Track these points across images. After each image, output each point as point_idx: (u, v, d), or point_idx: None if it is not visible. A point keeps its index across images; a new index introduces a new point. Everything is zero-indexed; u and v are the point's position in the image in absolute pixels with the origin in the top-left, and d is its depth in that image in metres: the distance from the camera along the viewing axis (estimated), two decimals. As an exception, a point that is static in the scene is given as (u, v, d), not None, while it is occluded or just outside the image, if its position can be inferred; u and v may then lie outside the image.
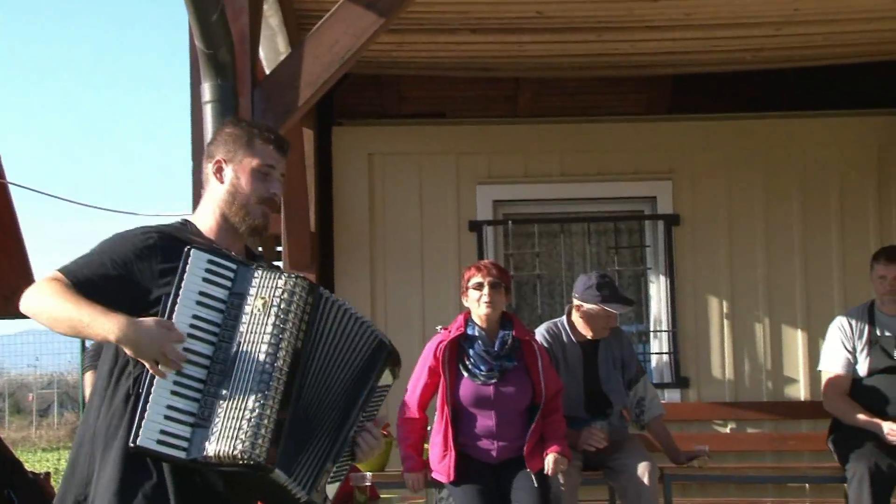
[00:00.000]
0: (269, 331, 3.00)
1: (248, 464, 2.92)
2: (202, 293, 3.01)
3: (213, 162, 3.25)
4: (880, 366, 5.94)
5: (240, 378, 2.97)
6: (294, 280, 3.06)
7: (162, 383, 2.92)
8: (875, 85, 7.55)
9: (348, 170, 7.52)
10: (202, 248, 3.06)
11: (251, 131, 3.27)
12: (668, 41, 6.87)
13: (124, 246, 3.08)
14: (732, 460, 7.18)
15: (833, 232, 7.45)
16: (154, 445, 2.90)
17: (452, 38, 6.73)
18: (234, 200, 3.22)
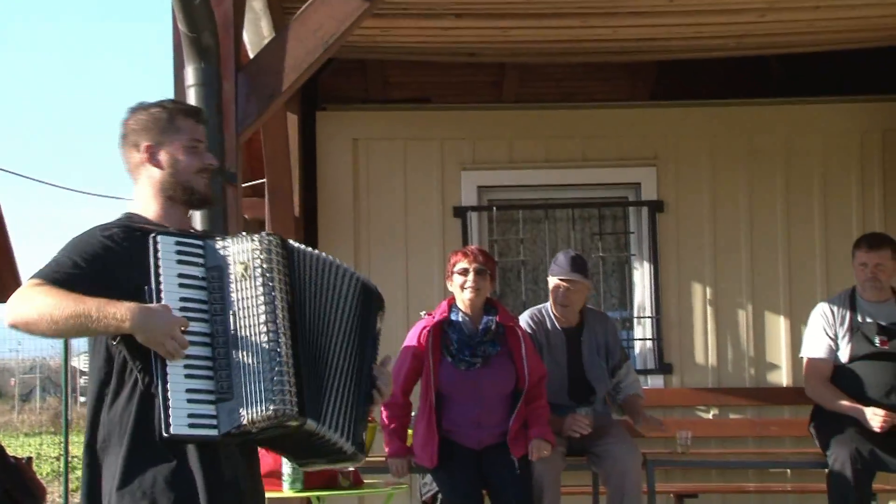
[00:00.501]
0: (260, 292, 3.03)
1: (283, 420, 2.98)
2: (181, 275, 3.04)
3: (141, 149, 3.23)
4: (861, 352, 5.96)
5: (247, 344, 3.01)
6: (267, 238, 3.10)
7: (174, 370, 2.95)
8: (858, 72, 7.57)
9: (332, 155, 7.50)
10: (165, 232, 3.09)
11: (170, 111, 3.27)
12: (653, 27, 6.86)
13: (89, 244, 3.08)
14: (715, 446, 7.20)
15: (816, 218, 7.46)
16: (187, 430, 2.95)
17: (437, 23, 6.71)
18: (176, 180, 3.22)
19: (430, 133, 7.56)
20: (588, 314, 6.08)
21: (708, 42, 7.15)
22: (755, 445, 7.28)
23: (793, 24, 6.85)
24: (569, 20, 6.69)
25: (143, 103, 3.32)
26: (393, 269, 7.31)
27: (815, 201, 7.47)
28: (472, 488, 5.42)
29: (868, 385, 5.94)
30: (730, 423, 7.34)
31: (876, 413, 5.76)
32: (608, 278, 7.66)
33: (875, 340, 5.96)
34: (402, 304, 7.22)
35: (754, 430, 7.30)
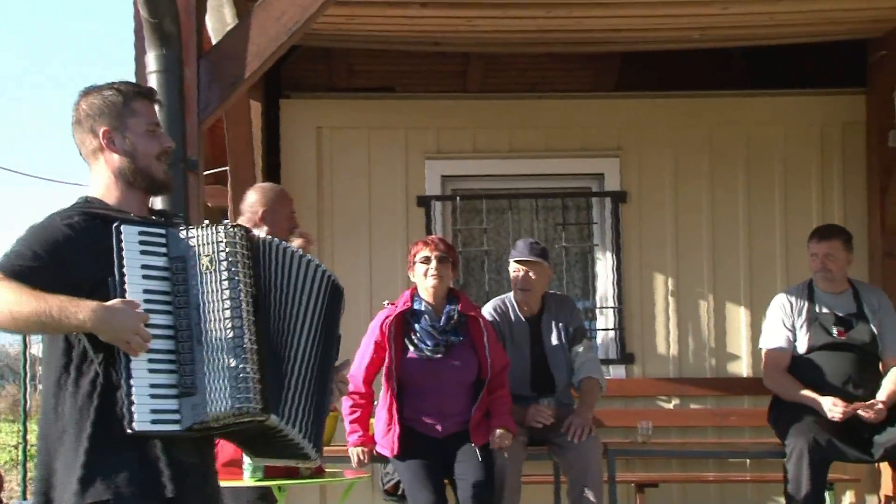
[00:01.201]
0: (224, 286, 2.99)
1: (246, 416, 2.95)
2: (144, 266, 2.98)
3: (99, 135, 3.16)
4: (819, 342, 6.00)
5: (211, 339, 2.97)
6: (232, 230, 3.05)
7: (138, 365, 2.90)
8: (819, 65, 7.60)
9: (296, 143, 7.46)
10: (129, 221, 3.03)
11: (125, 94, 3.19)
12: (617, 18, 6.87)
13: (50, 233, 3.01)
14: (675, 436, 7.23)
15: (777, 210, 7.49)
16: (150, 426, 2.91)
17: (402, 11, 6.69)
18: (136, 166, 3.16)
19: (394, 122, 7.53)
20: (548, 299, 6.10)
21: (671, 34, 7.17)
22: (715, 435, 7.31)
23: (755, 16, 6.88)
24: (533, 10, 6.69)
25: (96, 86, 3.22)
26: (356, 259, 7.28)
27: (776, 193, 7.51)
28: (433, 477, 5.41)
29: (826, 375, 5.98)
30: (690, 413, 7.37)
31: (835, 403, 5.80)
32: (571, 268, 7.66)
33: (832, 331, 6.00)
34: (366, 293, 7.20)
35: (714, 419, 7.33)
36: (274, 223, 4.85)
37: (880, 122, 7.27)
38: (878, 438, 5.81)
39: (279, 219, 4.90)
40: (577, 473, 5.78)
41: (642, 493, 6.85)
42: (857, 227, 7.36)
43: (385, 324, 5.49)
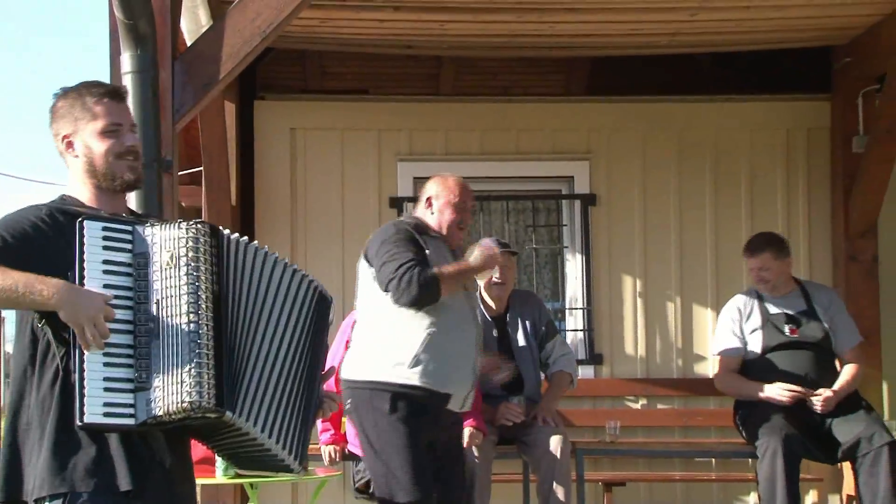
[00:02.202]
0: (184, 282, 2.98)
1: (200, 411, 2.93)
2: (106, 261, 2.98)
3: (60, 140, 3.17)
4: (774, 342, 6.03)
5: (168, 334, 2.95)
6: (195, 227, 3.04)
7: (93, 357, 2.89)
8: (784, 71, 7.63)
9: (270, 144, 7.44)
10: (93, 217, 3.03)
11: (81, 95, 3.18)
12: (587, 24, 6.88)
13: (19, 223, 3.02)
14: (642, 435, 7.25)
15: (743, 213, 7.52)
16: (101, 419, 2.90)
17: (376, 15, 6.69)
18: (94, 168, 3.15)
19: (367, 124, 7.52)
20: (513, 297, 6.13)
21: (641, 39, 7.19)
22: (681, 435, 7.33)
23: (723, 23, 6.91)
24: (505, 15, 6.69)
25: (65, 88, 3.23)
26: (329, 259, 7.26)
27: (743, 196, 7.54)
28: (404, 475, 5.40)
29: (783, 374, 6.00)
30: (657, 413, 7.39)
31: (783, 388, 5.84)
32: (541, 270, 7.67)
33: (785, 330, 6.04)
34: (339, 293, 7.07)
35: (681, 419, 7.35)
36: (441, 211, 5.02)
37: (844, 128, 7.31)
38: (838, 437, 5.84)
39: (443, 207, 5.03)
40: (545, 472, 5.78)
41: (610, 491, 6.85)
42: (821, 230, 7.44)
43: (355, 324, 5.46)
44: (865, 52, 7.13)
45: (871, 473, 5.70)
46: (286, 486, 6.89)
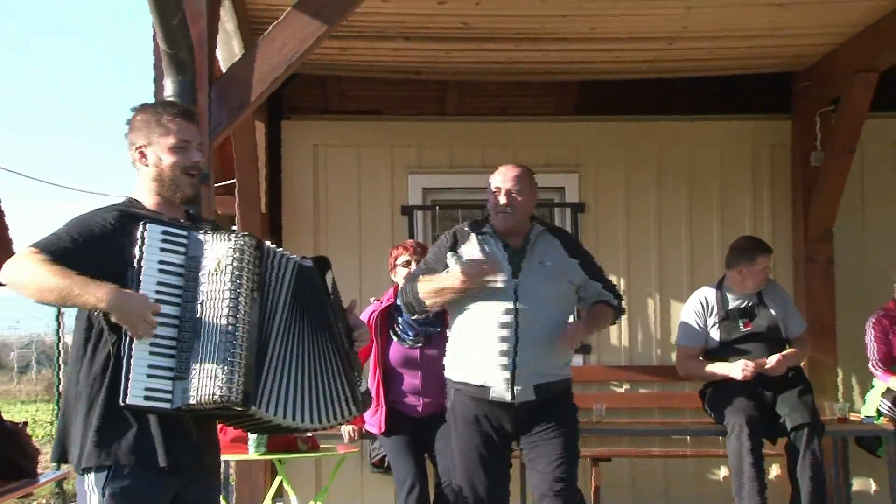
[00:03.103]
0: (226, 288, 2.98)
1: (228, 405, 2.94)
2: (162, 261, 2.99)
3: (134, 149, 3.18)
4: (732, 335, 6.01)
5: (208, 332, 2.95)
6: (242, 239, 3.04)
7: (140, 346, 2.90)
8: (750, 93, 7.62)
9: (295, 159, 7.43)
10: (155, 220, 3.03)
11: (158, 113, 3.19)
12: (576, 52, 6.89)
13: (88, 224, 3.03)
14: (626, 416, 7.23)
15: (714, 219, 7.50)
16: (141, 401, 2.90)
17: (388, 44, 6.69)
18: (161, 178, 3.16)
19: (380, 141, 7.51)
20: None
21: (624, 66, 7.19)
22: (660, 416, 7.31)
23: (696, 51, 6.92)
24: (503, 44, 6.70)
25: (142, 104, 3.25)
26: (347, 260, 7.25)
27: (714, 204, 7.52)
28: (415, 452, 5.40)
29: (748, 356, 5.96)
30: (639, 397, 7.37)
31: (739, 364, 5.83)
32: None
33: (740, 325, 6.01)
34: (356, 291, 7.14)
35: (659, 402, 7.34)
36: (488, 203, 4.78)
37: (804, 145, 7.30)
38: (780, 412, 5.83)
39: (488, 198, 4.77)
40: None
41: (597, 466, 6.84)
42: (783, 235, 7.42)
43: (371, 318, 5.46)
44: (822, 77, 7.14)
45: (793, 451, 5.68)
46: (310, 462, 6.87)
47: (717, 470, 7.21)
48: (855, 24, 6.48)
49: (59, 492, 6.93)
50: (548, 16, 6.23)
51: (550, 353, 4.61)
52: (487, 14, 6.19)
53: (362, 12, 5.50)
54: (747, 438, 5.63)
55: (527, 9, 6.12)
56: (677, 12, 6.18)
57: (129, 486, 2.97)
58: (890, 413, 6.42)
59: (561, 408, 4.70)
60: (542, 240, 4.73)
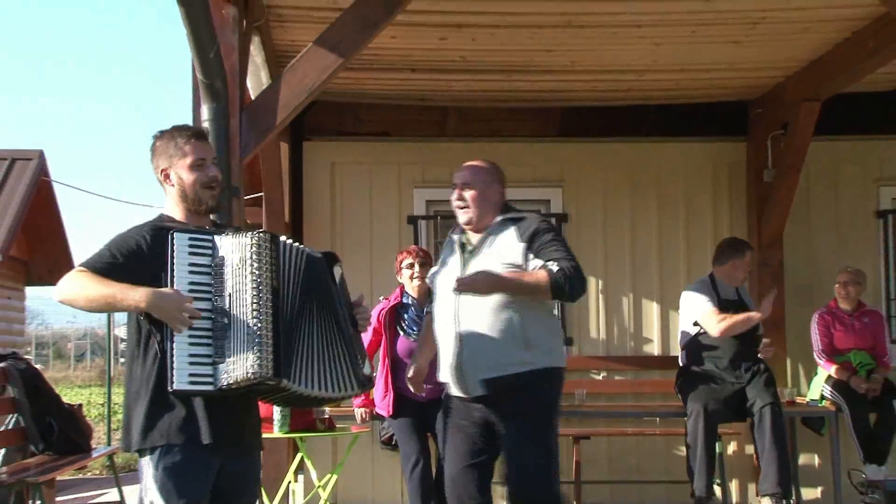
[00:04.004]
0: (249, 280, 2.99)
1: (262, 380, 2.95)
2: (191, 263, 3.01)
3: (159, 172, 3.20)
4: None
5: (238, 320, 2.96)
6: (258, 236, 3.05)
7: (181, 338, 2.92)
8: (711, 118, 7.60)
9: (315, 175, 7.41)
10: (182, 230, 3.06)
11: (174, 137, 3.19)
12: (559, 82, 6.89)
13: (126, 241, 3.07)
14: (603, 400, 7.21)
15: (680, 229, 7.48)
16: (188, 386, 2.94)
17: (397, 75, 6.69)
18: (185, 194, 3.18)
19: (390, 159, 7.49)
20: None
21: (601, 94, 7.19)
22: (633, 400, 7.29)
23: (664, 82, 6.92)
24: (497, 76, 6.70)
25: (160, 131, 3.26)
26: (360, 263, 7.23)
27: (680, 215, 7.50)
28: (419, 432, 5.39)
29: (725, 350, 5.99)
30: (614, 383, 7.34)
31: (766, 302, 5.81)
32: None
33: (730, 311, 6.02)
34: (367, 291, 7.08)
35: (633, 388, 7.32)
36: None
37: (757, 164, 7.28)
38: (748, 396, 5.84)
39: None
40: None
41: (578, 443, 6.82)
42: (741, 241, 7.39)
43: (381, 314, 5.45)
44: (773, 105, 7.14)
45: (759, 427, 5.73)
46: (327, 440, 6.84)
47: (681, 447, 7.15)
48: (801, 60, 6.52)
49: (110, 464, 6.90)
50: (535, 51, 6.23)
51: (496, 347, 3.91)
52: (482, 49, 6.18)
53: (374, 47, 5.49)
54: (703, 422, 5.71)
55: (516, 45, 6.12)
56: (647, 49, 6.18)
57: (179, 461, 2.99)
58: (831, 397, 6.43)
59: (521, 401, 3.95)
60: (498, 231, 4.09)
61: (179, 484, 2.98)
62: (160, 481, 2.98)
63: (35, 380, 6.05)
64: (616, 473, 7.21)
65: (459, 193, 4.22)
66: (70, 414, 6.14)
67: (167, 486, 2.97)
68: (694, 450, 5.73)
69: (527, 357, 3.96)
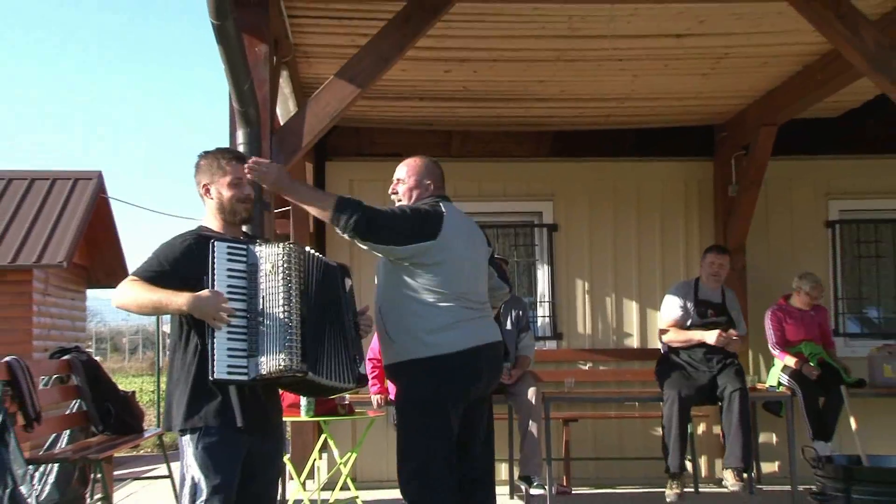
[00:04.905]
0: (280, 284, 3.00)
1: (292, 371, 2.96)
2: (229, 269, 3.02)
3: (200, 186, 3.22)
4: (699, 321, 6.00)
5: (270, 319, 2.97)
6: (288, 246, 3.08)
7: (220, 335, 2.94)
8: (683, 141, 7.58)
9: (336, 190, 7.31)
10: (221, 239, 3.08)
11: (218, 158, 3.23)
12: (550, 108, 6.87)
13: (171, 250, 3.08)
14: (589, 387, 7.16)
15: (656, 238, 7.44)
16: (225, 375, 2.96)
17: (407, 103, 6.68)
18: (223, 207, 3.20)
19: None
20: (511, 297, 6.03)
21: (586, 119, 7.16)
22: (615, 387, 7.24)
23: (642, 109, 6.90)
24: (495, 104, 6.68)
25: (205, 151, 3.29)
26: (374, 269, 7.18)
27: (656, 225, 7.46)
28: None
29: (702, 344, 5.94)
30: (599, 372, 7.30)
31: (713, 333, 5.84)
32: (520, 275, 7.59)
33: (707, 313, 6.01)
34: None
35: (615, 376, 7.27)
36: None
37: (722, 180, 7.24)
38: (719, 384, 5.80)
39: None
40: (524, 413, 5.72)
41: (567, 426, 6.79)
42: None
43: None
44: (736, 129, 7.12)
45: (727, 410, 5.69)
46: (347, 423, 6.81)
47: (658, 428, 7.11)
48: (759, 90, 6.53)
49: (160, 444, 6.89)
50: (528, 81, 6.21)
51: (382, 339, 3.61)
52: (482, 80, 6.17)
53: (387, 79, 5.49)
54: (676, 407, 5.70)
55: (512, 76, 6.10)
56: (626, 80, 6.17)
57: (215, 441, 3.01)
58: (788, 384, 6.40)
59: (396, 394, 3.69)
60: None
61: (216, 462, 2.99)
62: (200, 459, 3.00)
63: (95, 370, 6.03)
64: (600, 451, 7.16)
65: (393, 188, 4.00)
66: (125, 399, 6.12)
67: (206, 463, 2.99)
68: (669, 430, 5.71)
69: (390, 349, 3.57)
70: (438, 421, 3.41)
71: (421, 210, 3.62)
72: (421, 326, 3.47)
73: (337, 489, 5.81)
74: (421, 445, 3.40)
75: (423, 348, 3.44)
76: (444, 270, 3.49)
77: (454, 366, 3.43)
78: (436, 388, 3.43)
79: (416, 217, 3.57)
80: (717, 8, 4.99)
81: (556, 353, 7.28)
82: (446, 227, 3.61)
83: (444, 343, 3.44)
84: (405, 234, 3.48)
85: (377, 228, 3.47)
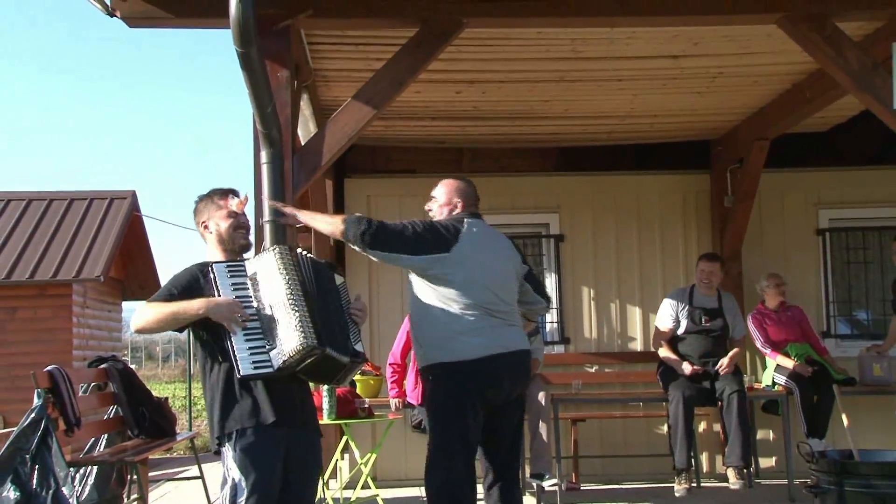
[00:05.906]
0: (280, 279, 3.09)
1: (309, 350, 3.00)
2: (233, 283, 3.13)
3: (199, 225, 3.34)
4: (693, 328, 5.98)
5: (280, 312, 3.05)
6: (277, 249, 3.17)
7: (238, 338, 3.01)
8: (681, 155, 7.57)
9: (354, 207, 7.38)
10: (218, 262, 3.21)
11: (211, 196, 3.35)
12: (556, 126, 6.87)
13: (179, 278, 3.18)
14: (595, 389, 7.12)
15: (657, 247, 7.40)
16: (252, 371, 3.02)
17: (420, 122, 6.69)
18: (221, 238, 3.30)
19: (415, 192, 7.41)
20: None
21: (589, 136, 7.16)
22: (620, 388, 7.19)
23: (641, 125, 6.89)
24: (503, 122, 6.69)
25: (201, 195, 3.39)
26: (392, 281, 7.19)
27: (657, 235, 7.43)
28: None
29: (694, 348, 5.96)
30: (604, 375, 7.26)
31: (687, 365, 5.82)
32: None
33: (701, 320, 5.98)
34: (399, 303, 7.10)
35: (619, 378, 7.22)
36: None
37: (719, 192, 7.21)
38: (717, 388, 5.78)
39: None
40: (534, 413, 5.69)
41: (575, 425, 6.75)
42: (707, 256, 7.32)
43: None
44: (730, 143, 7.10)
45: (727, 410, 5.66)
46: (367, 425, 6.79)
47: (661, 426, 7.09)
48: (752, 107, 6.52)
49: (192, 446, 6.88)
50: (535, 101, 6.21)
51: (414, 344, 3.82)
52: (491, 100, 6.17)
53: (401, 100, 5.50)
54: (682, 406, 5.67)
55: (519, 96, 6.10)
56: (627, 98, 6.16)
57: (252, 442, 3.05)
58: (785, 383, 6.35)
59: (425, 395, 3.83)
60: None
61: (254, 460, 3.03)
62: (238, 461, 3.03)
63: (130, 377, 6.04)
64: (607, 449, 7.11)
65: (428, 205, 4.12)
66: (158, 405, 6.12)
67: (244, 463, 3.03)
68: (675, 429, 5.68)
69: (419, 354, 3.70)
70: (457, 423, 3.51)
71: (437, 225, 3.76)
72: (443, 333, 3.56)
73: (358, 488, 5.79)
74: (442, 443, 3.54)
75: (444, 353, 3.54)
76: (461, 281, 3.58)
77: (473, 371, 3.50)
78: (454, 391, 3.52)
79: (428, 231, 3.71)
80: (710, 31, 5.00)
81: (563, 357, 7.25)
82: (463, 241, 3.72)
83: (464, 349, 3.52)
84: (412, 244, 3.60)
85: (385, 238, 3.61)
